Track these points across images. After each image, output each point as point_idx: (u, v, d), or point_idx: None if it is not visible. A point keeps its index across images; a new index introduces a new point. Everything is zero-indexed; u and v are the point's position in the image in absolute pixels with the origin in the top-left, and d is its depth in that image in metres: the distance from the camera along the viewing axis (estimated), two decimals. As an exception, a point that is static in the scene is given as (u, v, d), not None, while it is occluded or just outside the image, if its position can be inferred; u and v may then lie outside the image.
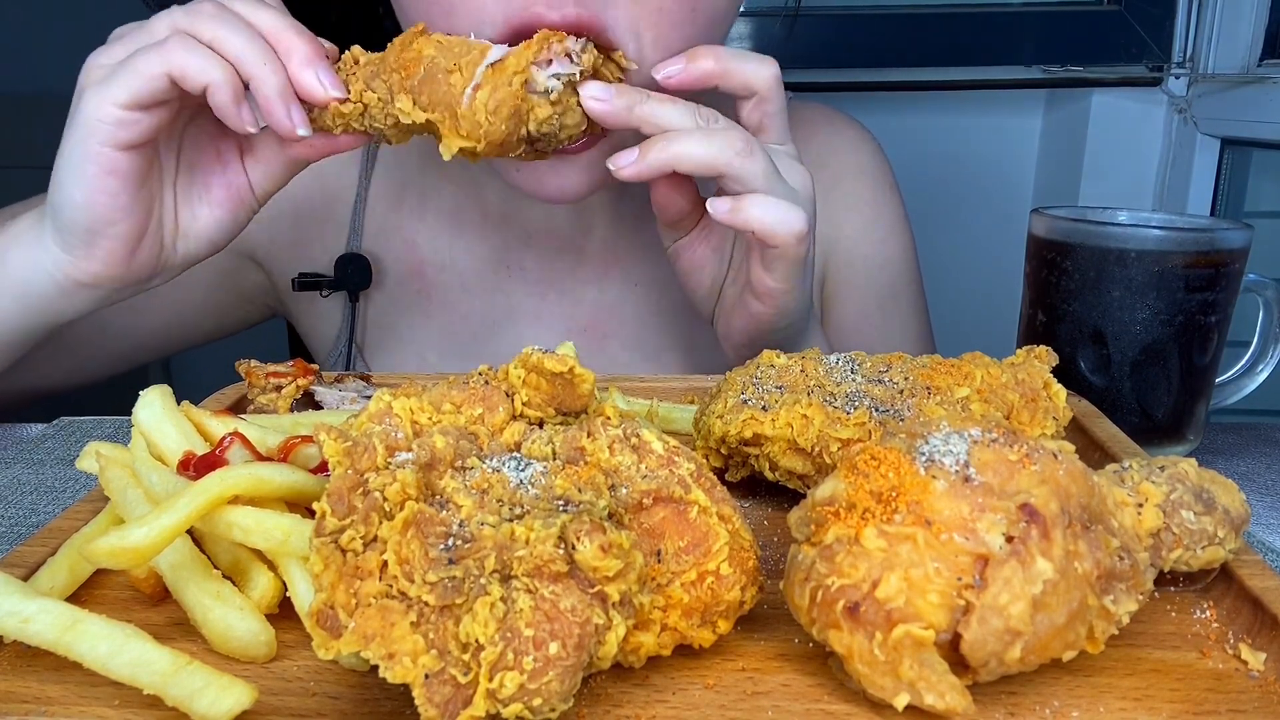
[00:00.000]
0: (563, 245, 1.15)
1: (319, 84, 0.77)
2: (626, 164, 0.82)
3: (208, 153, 0.86)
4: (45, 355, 1.07)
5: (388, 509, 0.46)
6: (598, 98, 0.81)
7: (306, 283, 1.14)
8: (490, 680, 0.42)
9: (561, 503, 0.49)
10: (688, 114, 0.83)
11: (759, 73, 0.86)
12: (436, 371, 1.13)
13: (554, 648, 0.43)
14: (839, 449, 0.65)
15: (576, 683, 0.45)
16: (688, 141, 0.81)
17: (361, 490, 0.47)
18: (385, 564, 0.44)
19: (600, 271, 1.16)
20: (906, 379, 0.70)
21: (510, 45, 0.79)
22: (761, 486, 0.72)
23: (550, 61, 0.78)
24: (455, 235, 1.16)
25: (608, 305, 1.16)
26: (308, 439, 0.64)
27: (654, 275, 1.16)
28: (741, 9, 1.01)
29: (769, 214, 0.82)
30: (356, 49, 0.81)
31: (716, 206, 0.83)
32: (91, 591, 0.58)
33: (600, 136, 0.88)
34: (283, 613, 0.54)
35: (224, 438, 0.63)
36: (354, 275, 1.14)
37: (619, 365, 1.14)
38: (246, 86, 0.77)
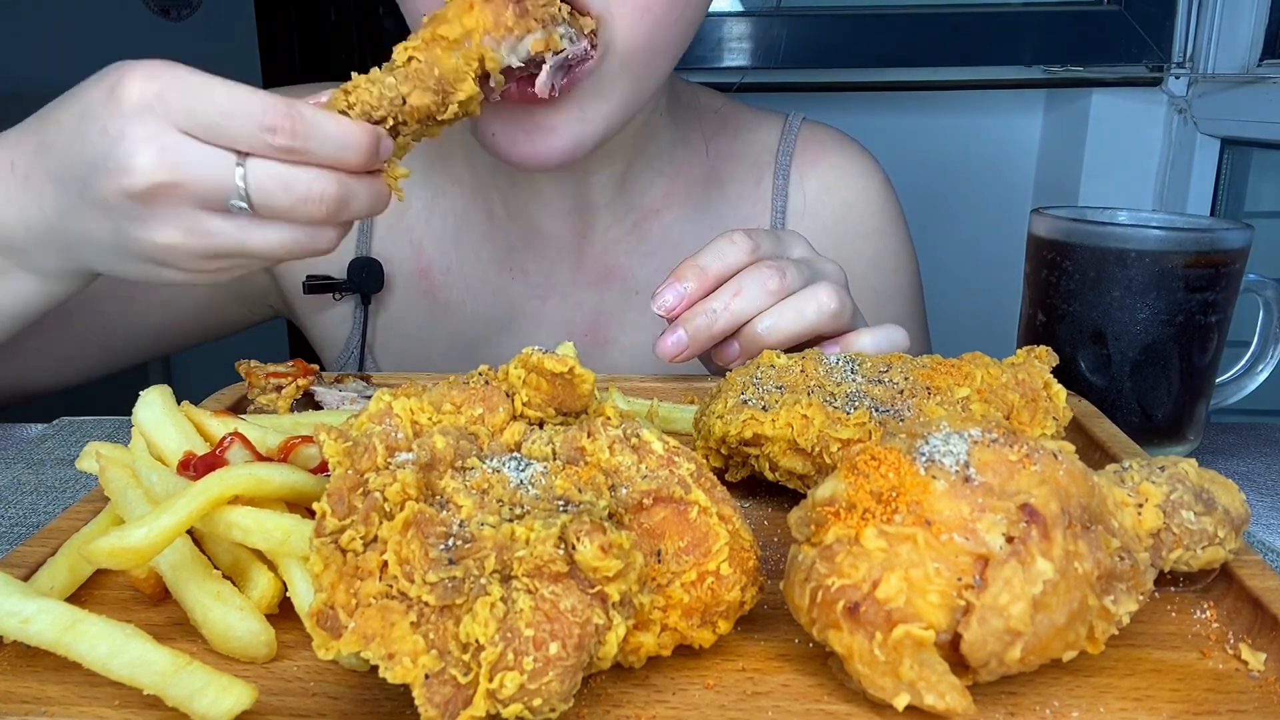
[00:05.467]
0: (563, 250, 1.15)
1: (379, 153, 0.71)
2: (733, 358, 0.86)
3: None
4: (38, 350, 1.06)
5: (388, 509, 0.46)
6: (673, 351, 0.84)
7: (316, 285, 1.14)
8: (490, 680, 0.42)
9: (561, 503, 0.49)
10: (758, 286, 0.84)
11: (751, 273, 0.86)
12: (441, 373, 1.14)
13: (554, 648, 0.43)
14: (839, 449, 0.65)
15: (576, 683, 0.45)
16: (781, 323, 0.83)
17: (361, 490, 0.47)
18: (385, 564, 0.44)
19: (601, 277, 1.16)
20: (906, 379, 0.70)
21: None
22: (761, 486, 0.72)
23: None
24: (461, 238, 1.16)
25: (608, 311, 1.16)
26: (308, 439, 0.64)
27: (655, 283, 1.15)
28: (741, 9, 1.01)
29: (879, 349, 0.85)
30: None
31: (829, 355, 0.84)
32: (91, 591, 0.58)
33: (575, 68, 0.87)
34: (283, 613, 0.54)
35: (224, 438, 0.63)
36: (368, 279, 1.14)
37: (619, 372, 1.14)
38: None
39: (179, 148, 0.66)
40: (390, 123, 0.72)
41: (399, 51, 0.72)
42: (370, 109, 0.71)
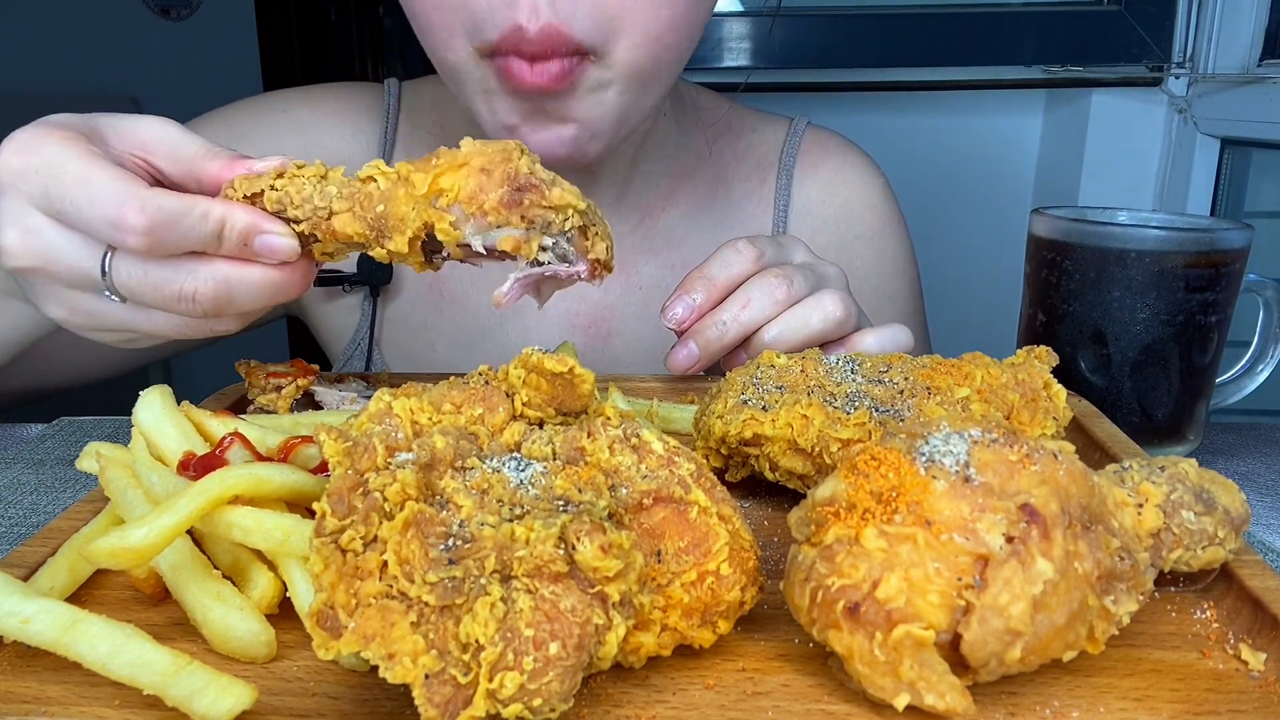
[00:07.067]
0: None
1: (278, 246, 0.64)
2: (739, 362, 0.87)
3: None
4: (50, 352, 1.07)
5: (388, 509, 0.46)
6: (685, 364, 0.87)
7: (325, 278, 1.14)
8: (490, 680, 0.42)
9: (561, 503, 0.49)
10: (766, 296, 0.85)
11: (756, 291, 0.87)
12: (446, 365, 1.15)
13: (554, 648, 0.43)
14: (839, 449, 0.65)
15: (576, 683, 0.45)
16: (787, 332, 0.85)
17: (361, 490, 0.47)
18: (385, 564, 0.44)
19: None
20: (906, 379, 0.70)
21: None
22: (761, 486, 0.72)
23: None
24: None
25: (610, 305, 1.17)
26: (308, 439, 0.64)
27: (658, 277, 1.16)
28: (740, 9, 1.02)
29: (883, 348, 0.87)
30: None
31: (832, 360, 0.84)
32: (91, 591, 0.58)
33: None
34: (283, 613, 0.54)
35: (224, 438, 0.63)
36: (377, 271, 1.15)
37: (621, 364, 1.15)
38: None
39: (40, 232, 0.62)
40: (305, 229, 0.64)
41: (369, 166, 0.65)
42: (288, 204, 0.64)
